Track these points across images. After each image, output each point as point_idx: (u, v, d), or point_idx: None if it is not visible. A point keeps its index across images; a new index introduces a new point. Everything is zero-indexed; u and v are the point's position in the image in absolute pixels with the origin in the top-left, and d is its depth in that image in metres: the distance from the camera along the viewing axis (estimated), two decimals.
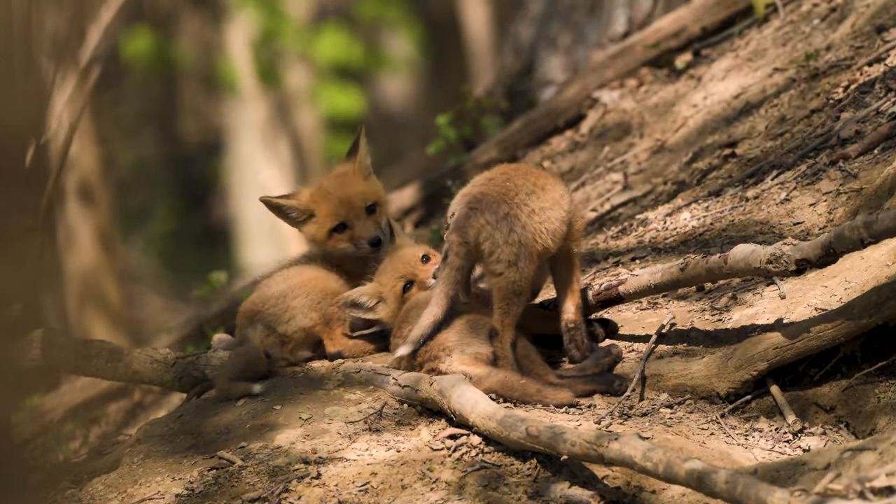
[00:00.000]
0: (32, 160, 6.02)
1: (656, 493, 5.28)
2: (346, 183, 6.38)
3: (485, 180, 5.90)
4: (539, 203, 5.85)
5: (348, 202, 6.36)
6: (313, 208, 6.36)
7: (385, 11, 19.43)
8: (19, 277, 3.95)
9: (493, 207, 5.78)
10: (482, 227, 5.76)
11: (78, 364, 6.40)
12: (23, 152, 4.08)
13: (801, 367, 5.84)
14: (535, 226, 5.82)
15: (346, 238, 6.36)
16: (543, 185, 5.90)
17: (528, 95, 9.89)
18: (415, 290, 6.04)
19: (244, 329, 6.27)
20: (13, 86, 4.03)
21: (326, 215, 6.36)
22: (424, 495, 5.38)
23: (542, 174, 5.97)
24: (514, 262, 5.76)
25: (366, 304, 6.09)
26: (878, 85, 7.17)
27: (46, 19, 7.40)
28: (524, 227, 5.79)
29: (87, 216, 11.68)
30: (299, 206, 6.37)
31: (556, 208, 5.88)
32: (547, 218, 5.85)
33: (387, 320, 6.09)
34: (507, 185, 5.85)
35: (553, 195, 5.90)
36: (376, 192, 6.41)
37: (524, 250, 5.77)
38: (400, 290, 6.07)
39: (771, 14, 8.51)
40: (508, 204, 5.80)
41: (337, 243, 6.37)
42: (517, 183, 5.86)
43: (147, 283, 19.96)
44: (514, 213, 5.79)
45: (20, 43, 4.23)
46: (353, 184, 6.38)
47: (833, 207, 6.51)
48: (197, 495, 5.55)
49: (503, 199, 5.81)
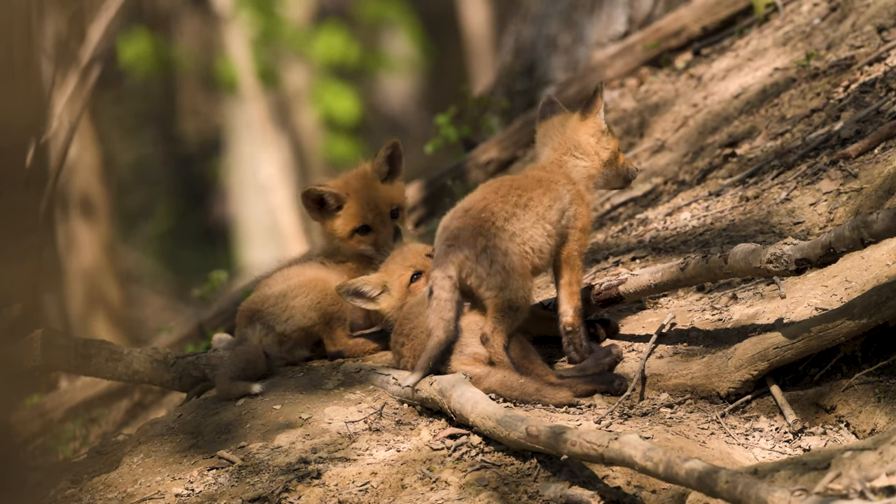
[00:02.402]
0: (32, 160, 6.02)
1: (656, 493, 5.28)
2: (371, 185, 6.39)
3: (462, 212, 5.86)
4: (520, 224, 5.83)
5: (376, 205, 6.36)
6: (345, 199, 6.36)
7: (384, 11, 19.43)
8: (19, 277, 3.95)
9: (471, 242, 5.76)
10: (462, 263, 5.75)
11: (78, 364, 6.40)
12: (23, 152, 4.08)
13: (801, 367, 5.84)
14: (519, 248, 5.81)
15: (370, 241, 6.36)
16: (526, 203, 5.87)
17: (528, 95, 9.88)
18: (421, 282, 6.01)
19: (243, 328, 6.27)
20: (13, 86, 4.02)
21: (353, 214, 6.36)
22: (424, 495, 5.38)
23: (526, 188, 5.91)
24: (505, 286, 5.77)
25: (368, 293, 6.05)
26: (878, 85, 7.17)
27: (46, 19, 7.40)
28: (506, 254, 5.78)
29: (87, 216, 11.68)
30: (338, 192, 6.35)
31: (539, 224, 5.85)
32: (530, 237, 5.84)
33: (388, 312, 6.05)
34: (482, 216, 5.81)
35: (537, 210, 5.87)
36: (399, 197, 6.42)
37: (512, 273, 5.77)
38: (407, 280, 6.04)
39: (771, 14, 8.51)
40: (485, 235, 5.78)
41: (358, 244, 6.37)
42: (494, 210, 5.82)
43: (147, 283, 19.96)
44: (493, 243, 5.77)
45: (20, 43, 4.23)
46: (378, 186, 6.39)
47: (833, 207, 6.51)
48: (197, 495, 5.55)
49: (480, 231, 5.78)
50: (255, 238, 18.59)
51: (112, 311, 11.70)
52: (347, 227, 6.37)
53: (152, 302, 19.49)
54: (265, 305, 6.25)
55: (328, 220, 6.39)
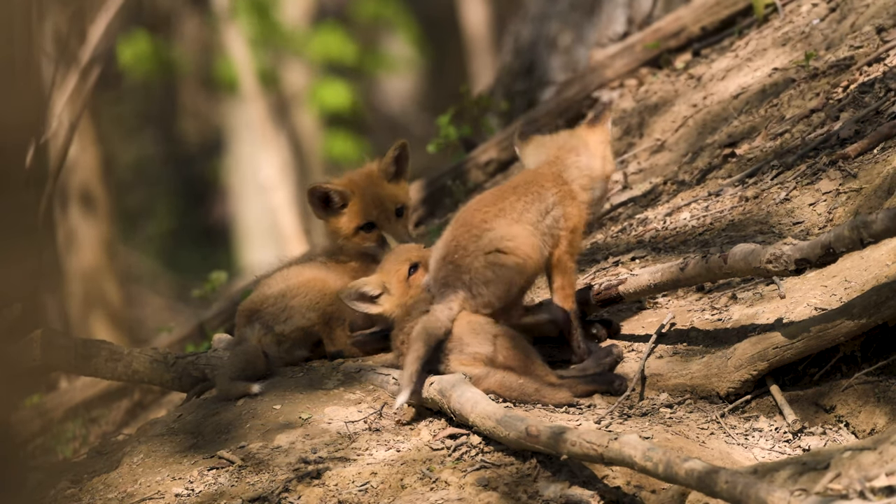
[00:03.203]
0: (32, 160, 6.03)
1: (656, 493, 5.28)
2: (376, 183, 6.39)
3: (441, 262, 5.83)
4: (495, 233, 5.81)
5: (381, 203, 6.37)
6: (350, 197, 6.37)
7: (383, 11, 19.43)
8: (19, 277, 3.95)
9: (453, 283, 5.78)
10: (464, 301, 5.78)
11: (78, 364, 6.40)
12: (23, 152, 4.08)
13: (801, 367, 5.84)
14: (499, 272, 5.81)
15: (374, 238, 6.37)
16: (496, 214, 5.83)
17: (528, 95, 9.89)
18: (420, 273, 6.00)
19: (242, 328, 6.27)
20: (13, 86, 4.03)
21: (358, 211, 6.37)
22: (424, 495, 5.38)
23: (493, 202, 5.87)
24: (504, 295, 5.79)
25: (370, 292, 6.04)
26: (877, 85, 7.17)
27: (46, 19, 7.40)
28: (487, 283, 5.79)
29: (87, 216, 11.68)
30: (343, 190, 6.36)
31: (520, 237, 5.84)
32: (512, 234, 5.83)
33: (390, 313, 6.04)
34: (456, 258, 5.81)
35: (510, 216, 5.84)
36: (404, 196, 6.42)
37: (501, 288, 5.79)
38: (405, 273, 6.02)
39: (771, 14, 8.51)
40: (459, 269, 5.78)
41: (363, 241, 6.37)
42: (462, 242, 5.81)
43: (147, 283, 19.96)
44: (473, 277, 5.78)
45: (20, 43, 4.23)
46: (384, 185, 6.39)
47: (833, 207, 6.51)
48: (197, 495, 5.55)
49: (457, 272, 5.78)
50: (255, 238, 18.59)
51: (112, 311, 11.70)
52: (352, 224, 6.37)
53: (152, 302, 19.49)
54: (264, 305, 6.25)
55: (333, 217, 6.39)
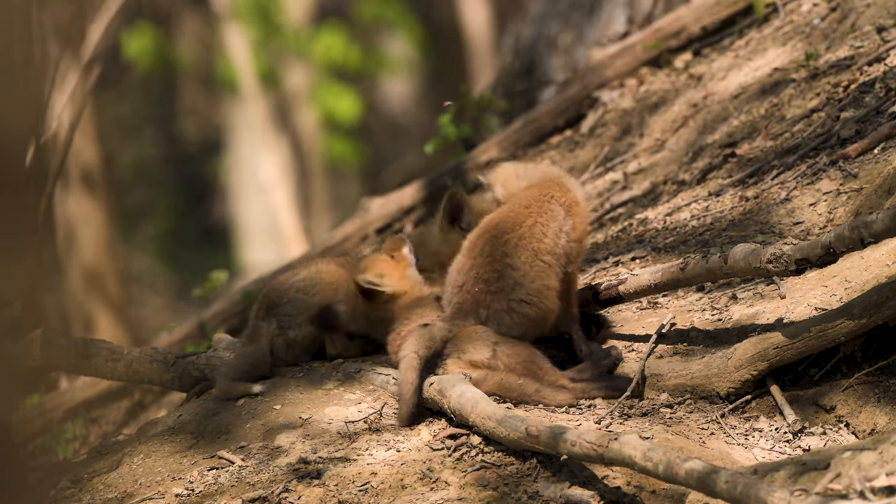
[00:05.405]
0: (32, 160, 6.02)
1: (656, 494, 5.28)
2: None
3: (455, 280, 5.80)
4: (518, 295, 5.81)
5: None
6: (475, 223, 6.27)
7: (384, 11, 19.43)
8: (19, 277, 3.95)
9: (469, 312, 5.77)
10: (482, 348, 5.77)
11: (78, 364, 6.39)
12: (23, 152, 4.08)
13: (801, 367, 5.84)
14: (518, 320, 5.79)
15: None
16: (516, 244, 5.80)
17: (528, 95, 9.88)
18: (404, 248, 6.05)
19: (259, 320, 6.22)
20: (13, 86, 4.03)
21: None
22: (424, 495, 5.38)
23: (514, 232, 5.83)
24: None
25: (373, 280, 6.06)
26: (878, 85, 7.17)
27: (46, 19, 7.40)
28: (503, 325, 5.78)
29: (87, 216, 11.68)
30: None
31: (544, 293, 5.82)
32: (529, 309, 5.84)
33: (398, 289, 6.04)
34: (475, 290, 5.79)
35: (532, 247, 5.83)
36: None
37: (515, 333, 5.80)
38: (388, 257, 6.08)
39: (771, 14, 8.51)
40: (478, 303, 5.76)
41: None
42: (482, 274, 5.78)
43: (147, 282, 19.98)
44: (490, 315, 5.78)
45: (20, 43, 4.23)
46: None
47: (833, 207, 6.51)
48: (197, 495, 5.55)
49: (475, 305, 5.78)
50: (254, 238, 18.59)
51: (112, 310, 11.70)
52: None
53: (152, 302, 19.50)
54: (283, 301, 6.22)
55: (454, 235, 6.25)
